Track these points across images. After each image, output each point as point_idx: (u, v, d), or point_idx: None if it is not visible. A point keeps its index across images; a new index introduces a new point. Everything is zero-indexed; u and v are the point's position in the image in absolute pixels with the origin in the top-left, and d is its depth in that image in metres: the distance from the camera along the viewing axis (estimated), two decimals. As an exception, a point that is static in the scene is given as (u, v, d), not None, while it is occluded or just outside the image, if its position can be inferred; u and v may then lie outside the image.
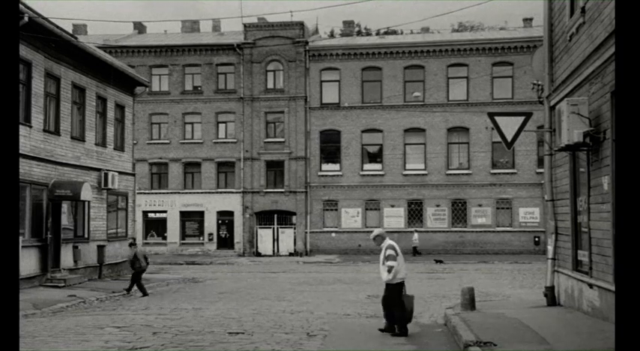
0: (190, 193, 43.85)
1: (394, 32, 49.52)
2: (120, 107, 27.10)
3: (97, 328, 12.30)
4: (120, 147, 27.05)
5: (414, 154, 42.35)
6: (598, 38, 10.53)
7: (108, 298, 18.98)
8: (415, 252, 39.45)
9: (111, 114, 26.08)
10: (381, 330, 11.44)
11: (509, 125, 13.62)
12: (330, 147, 43.26)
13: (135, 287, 20.00)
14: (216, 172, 43.89)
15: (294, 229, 43.09)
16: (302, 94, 43.05)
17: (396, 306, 11.25)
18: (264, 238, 43.40)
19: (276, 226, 43.39)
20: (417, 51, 42.50)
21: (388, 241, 11.47)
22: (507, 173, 41.60)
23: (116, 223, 26.52)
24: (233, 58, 44.00)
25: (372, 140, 42.90)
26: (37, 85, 20.44)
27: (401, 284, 11.35)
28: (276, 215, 43.37)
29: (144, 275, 20.43)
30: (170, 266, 34.73)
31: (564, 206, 13.44)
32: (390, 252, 11.24)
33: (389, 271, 11.20)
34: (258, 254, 42.73)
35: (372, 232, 11.98)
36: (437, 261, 35.10)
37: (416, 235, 40.13)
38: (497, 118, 13.80)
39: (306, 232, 42.72)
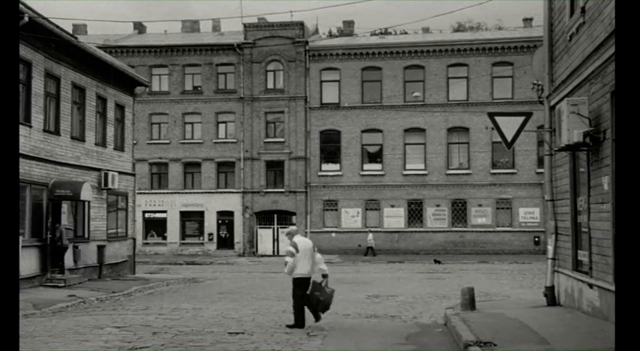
0: (190, 193, 43.85)
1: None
2: (120, 107, 27.07)
3: (97, 328, 12.29)
4: (120, 147, 27.03)
5: (414, 154, 42.36)
6: (598, 38, 10.53)
7: (108, 298, 18.97)
8: (369, 252, 39.75)
9: (111, 114, 26.06)
10: (288, 326, 12.11)
11: (509, 125, 13.63)
12: (330, 147, 43.27)
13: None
14: (216, 172, 43.91)
15: (294, 229, 43.03)
16: (302, 94, 43.06)
17: (295, 297, 12.12)
18: (264, 238, 43.40)
19: (276, 226, 43.40)
20: (417, 51, 42.51)
21: (294, 239, 12.21)
22: (507, 173, 41.61)
23: (116, 223, 26.49)
24: (233, 58, 44.02)
25: (372, 140, 42.91)
26: (37, 85, 20.42)
27: (301, 280, 12.03)
28: (276, 215, 43.39)
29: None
30: (170, 266, 34.76)
31: (564, 206, 13.44)
32: (289, 248, 12.14)
33: (285, 264, 12.11)
34: (259, 254, 42.73)
35: (371, 231, 12.37)
36: (436, 261, 35.18)
37: (370, 235, 40.23)
38: (497, 118, 13.80)
39: (306, 232, 42.65)
